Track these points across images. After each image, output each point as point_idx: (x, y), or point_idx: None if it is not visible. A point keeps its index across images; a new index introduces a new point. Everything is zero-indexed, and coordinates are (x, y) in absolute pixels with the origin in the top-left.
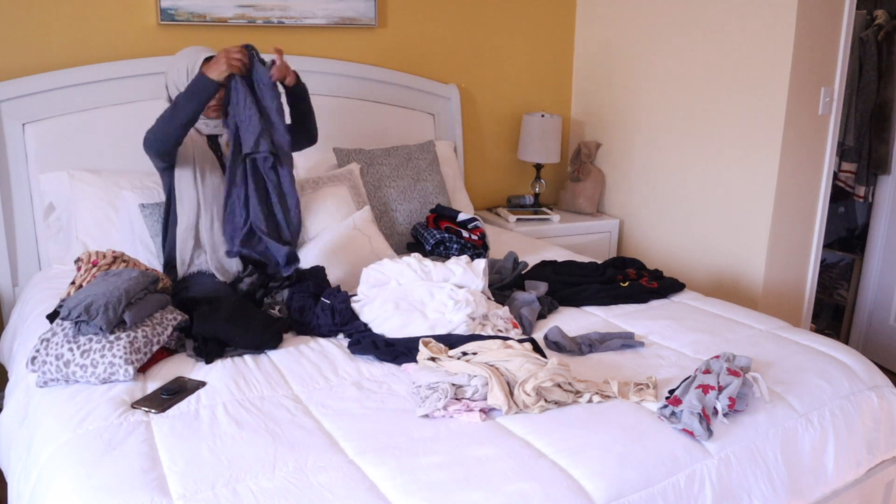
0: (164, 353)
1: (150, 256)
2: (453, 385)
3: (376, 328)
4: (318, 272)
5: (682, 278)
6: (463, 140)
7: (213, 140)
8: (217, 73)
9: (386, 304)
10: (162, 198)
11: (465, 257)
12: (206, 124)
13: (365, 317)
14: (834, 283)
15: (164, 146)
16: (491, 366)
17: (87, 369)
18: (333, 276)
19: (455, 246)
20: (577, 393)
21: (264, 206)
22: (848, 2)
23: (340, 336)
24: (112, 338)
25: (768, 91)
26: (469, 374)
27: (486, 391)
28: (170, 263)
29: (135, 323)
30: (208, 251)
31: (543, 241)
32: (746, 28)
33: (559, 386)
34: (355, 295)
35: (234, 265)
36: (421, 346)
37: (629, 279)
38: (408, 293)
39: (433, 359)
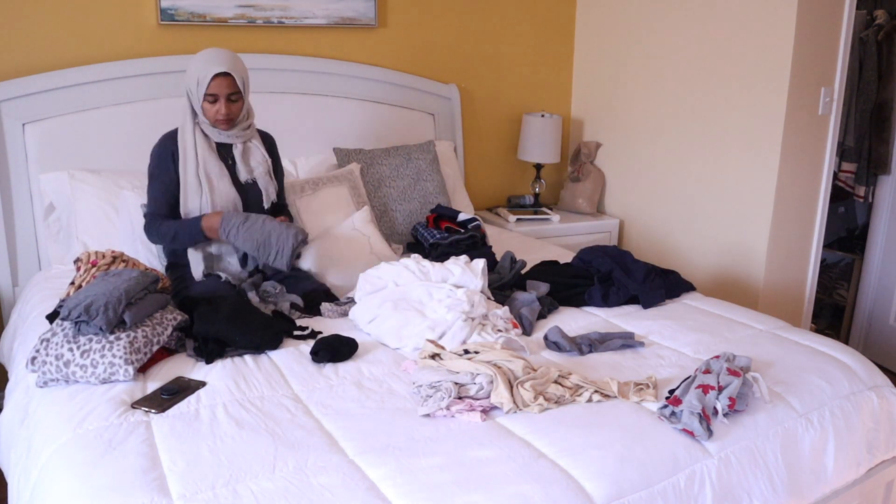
0: (164, 353)
1: (150, 256)
2: (456, 384)
3: (375, 328)
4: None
5: None
6: (463, 140)
7: (223, 148)
8: (213, 235)
9: (384, 304)
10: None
11: (464, 257)
12: (217, 133)
13: (363, 316)
14: (834, 283)
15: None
16: (495, 364)
17: (87, 369)
18: (333, 278)
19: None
20: (576, 390)
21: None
22: (848, 2)
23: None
24: (112, 338)
25: (768, 91)
26: (472, 373)
27: (491, 389)
28: (173, 264)
29: (135, 323)
30: (214, 257)
31: (543, 241)
32: (746, 28)
33: (558, 382)
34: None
35: (238, 268)
36: (423, 345)
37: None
38: (406, 293)
39: (434, 357)
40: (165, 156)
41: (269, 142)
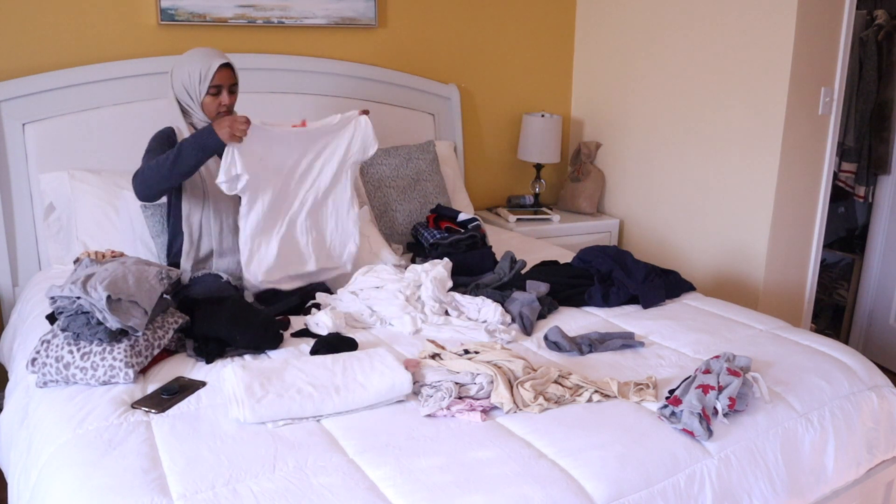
0: (164, 353)
1: (150, 257)
2: (456, 384)
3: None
4: None
5: None
6: (463, 140)
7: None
8: (224, 137)
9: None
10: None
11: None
12: None
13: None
14: (834, 283)
15: (158, 191)
16: (495, 364)
17: (87, 372)
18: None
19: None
20: (576, 390)
21: None
22: (848, 2)
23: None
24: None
25: (768, 91)
26: (472, 373)
27: (491, 389)
28: (173, 264)
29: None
30: (215, 257)
31: (543, 241)
32: (746, 28)
33: (558, 382)
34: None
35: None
36: (424, 344)
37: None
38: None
39: (434, 357)
40: (164, 138)
41: None
